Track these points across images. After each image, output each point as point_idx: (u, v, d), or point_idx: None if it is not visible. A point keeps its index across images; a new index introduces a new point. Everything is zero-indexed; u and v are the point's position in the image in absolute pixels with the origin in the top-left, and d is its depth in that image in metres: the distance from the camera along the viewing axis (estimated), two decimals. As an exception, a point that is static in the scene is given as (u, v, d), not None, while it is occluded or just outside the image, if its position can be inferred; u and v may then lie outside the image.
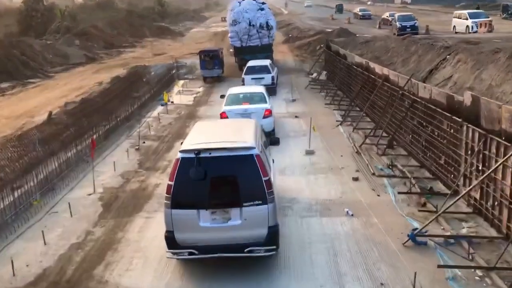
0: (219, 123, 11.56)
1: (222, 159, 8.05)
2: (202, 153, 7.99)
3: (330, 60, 27.47)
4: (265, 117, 15.86)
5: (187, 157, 8.02)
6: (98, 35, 49.69)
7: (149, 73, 34.20)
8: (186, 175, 7.91)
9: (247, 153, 8.07)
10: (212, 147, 8.17)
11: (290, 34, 52.04)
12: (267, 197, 8.00)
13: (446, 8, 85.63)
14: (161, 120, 20.48)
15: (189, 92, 26.66)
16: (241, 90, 18.40)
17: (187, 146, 8.40)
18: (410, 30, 37.86)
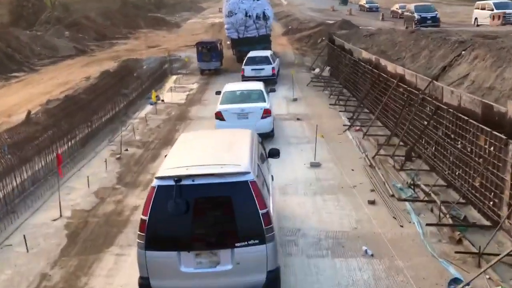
0: (207, 136, 9.44)
1: (208, 187, 6.39)
2: (184, 180, 6.32)
3: (334, 54, 25.29)
4: (263, 117, 14.61)
5: (165, 185, 6.34)
6: (89, 26, 47.32)
7: (141, 67, 32.03)
8: (163, 208, 6.27)
9: (240, 180, 6.41)
10: (195, 173, 6.43)
11: (289, 26, 49.71)
12: (266, 235, 6.40)
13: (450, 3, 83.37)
14: (149, 122, 18.33)
15: (182, 89, 24.48)
16: (237, 87, 16.88)
17: (165, 172, 6.63)
18: (431, 22, 33.99)
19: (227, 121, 14.46)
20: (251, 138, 8.09)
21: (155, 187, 6.38)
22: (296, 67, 28.05)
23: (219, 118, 14.70)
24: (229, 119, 14.50)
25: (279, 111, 18.85)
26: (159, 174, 6.60)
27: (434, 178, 11.59)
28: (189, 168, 6.55)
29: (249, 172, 6.47)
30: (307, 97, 21.24)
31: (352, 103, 19.29)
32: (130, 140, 16.08)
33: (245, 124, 13.99)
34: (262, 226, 6.34)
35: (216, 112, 14.86)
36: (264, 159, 8.66)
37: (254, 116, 14.50)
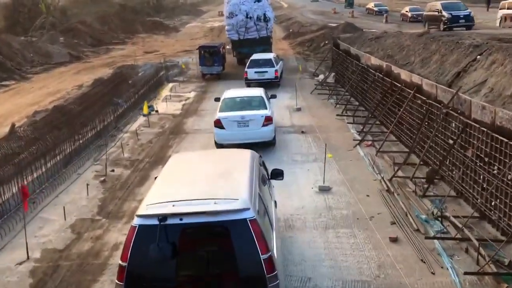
0: (200, 159, 7.95)
1: (199, 227, 5.33)
2: (170, 218, 5.21)
3: (339, 60, 23.65)
4: (264, 125, 13.83)
5: (147, 225, 5.25)
6: (85, 32, 45.73)
7: (137, 73, 30.55)
8: (146, 252, 5.15)
9: (237, 218, 5.27)
10: (184, 211, 5.27)
11: (290, 29, 48.13)
12: (268, 284, 5.23)
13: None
14: (140, 136, 16.70)
15: (178, 98, 22.85)
16: (237, 93, 15.88)
17: (147, 209, 5.46)
18: (465, 22, 29.58)
19: (227, 130, 13.74)
20: (251, 161, 6.90)
21: (136, 226, 5.29)
22: (299, 73, 26.43)
23: (218, 126, 13.85)
24: (228, 127, 13.74)
25: (282, 123, 17.22)
26: (141, 211, 5.47)
27: (462, 207, 9.96)
28: (177, 204, 5.38)
29: (249, 208, 5.33)
30: (311, 107, 19.60)
31: (361, 114, 17.65)
32: (118, 158, 14.45)
33: (246, 132, 13.61)
34: (264, 274, 5.18)
35: (215, 120, 13.96)
36: (266, 182, 7.50)
37: (255, 124, 13.76)
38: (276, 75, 23.17)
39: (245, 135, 13.62)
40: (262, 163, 7.62)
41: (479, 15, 34.39)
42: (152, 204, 5.48)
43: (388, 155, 13.23)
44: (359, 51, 21.16)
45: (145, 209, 5.43)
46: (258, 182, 6.45)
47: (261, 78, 22.72)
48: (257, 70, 22.90)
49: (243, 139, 13.34)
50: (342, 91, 21.74)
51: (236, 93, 15.81)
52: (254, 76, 22.69)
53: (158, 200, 5.57)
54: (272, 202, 7.47)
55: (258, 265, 5.17)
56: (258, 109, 14.27)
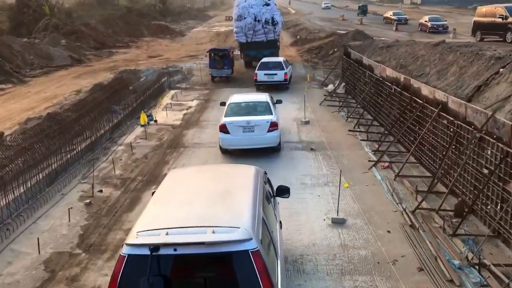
0: (200, 176, 7.02)
1: (195, 259, 4.78)
2: (162, 248, 4.65)
3: (350, 70, 22.15)
4: (270, 130, 13.59)
5: (138, 255, 4.69)
6: (89, 34, 44.47)
7: (139, 79, 29.19)
8: (135, 283, 4.60)
9: (238, 249, 4.69)
10: (178, 241, 4.69)
11: (298, 36, 46.70)
12: None
13: (458, 10, 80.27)
14: (135, 149, 15.26)
15: (179, 106, 21.40)
16: (243, 98, 15.60)
17: (138, 237, 4.84)
18: None
19: (232, 134, 13.57)
20: (255, 179, 6.27)
21: (125, 256, 4.75)
22: (307, 81, 24.94)
23: (224, 131, 13.65)
24: (234, 132, 13.56)
25: (289, 137, 15.75)
26: (130, 239, 4.88)
27: (501, 249, 8.45)
28: (171, 232, 4.81)
29: (251, 238, 4.75)
30: (320, 119, 18.10)
31: (375, 129, 16.14)
32: (108, 176, 13.00)
33: (251, 138, 13.46)
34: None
35: (221, 124, 13.77)
36: (271, 200, 6.85)
37: (260, 129, 13.55)
38: (286, 78, 23.16)
39: (250, 141, 13.55)
40: (267, 180, 7.03)
41: None
42: (144, 231, 4.88)
43: (408, 180, 11.72)
44: (373, 61, 19.65)
45: (135, 237, 4.82)
46: (263, 203, 5.83)
47: (271, 80, 22.84)
48: (267, 73, 22.97)
49: (248, 144, 13.56)
50: (353, 103, 20.26)
51: (242, 98, 15.45)
52: (264, 78, 22.76)
53: (150, 226, 4.99)
54: (277, 224, 6.81)
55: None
56: (264, 115, 14.01)
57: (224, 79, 26.87)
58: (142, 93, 22.73)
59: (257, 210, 5.39)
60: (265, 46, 28.79)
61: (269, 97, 15.30)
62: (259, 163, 11.31)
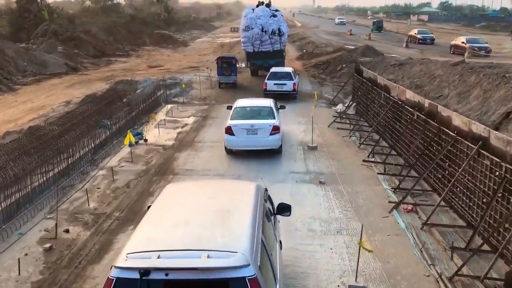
0: (198, 192, 6.59)
1: (188, 285, 4.36)
2: (154, 273, 4.28)
3: (362, 89, 20.06)
4: (272, 133, 14.32)
5: (127, 279, 4.33)
6: (88, 42, 42.65)
7: (135, 90, 27.21)
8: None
9: (234, 276, 4.31)
10: (170, 266, 4.30)
11: (304, 50, 44.78)
12: None
13: (466, 28, 78.50)
14: (117, 175, 13.16)
15: (174, 124, 19.33)
16: (248, 103, 16.17)
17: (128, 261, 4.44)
18: None
19: (237, 136, 14.34)
20: (255, 197, 5.96)
21: (113, 279, 4.40)
22: (314, 99, 22.86)
23: (229, 133, 14.40)
24: (238, 134, 14.31)
25: (294, 167, 13.66)
26: (120, 262, 4.50)
27: None
28: (163, 254, 4.45)
29: (248, 264, 4.38)
30: (330, 144, 15.99)
31: (393, 159, 14.01)
32: (80, 209, 10.90)
33: (254, 140, 14.22)
34: None
35: (226, 127, 14.54)
36: (270, 218, 6.49)
37: (263, 132, 14.26)
38: (294, 88, 23.47)
39: (253, 142, 14.29)
40: (267, 198, 6.73)
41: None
42: (134, 253, 4.59)
43: (438, 229, 9.56)
44: (389, 81, 17.58)
45: (125, 259, 4.53)
46: (263, 223, 5.53)
47: (280, 90, 23.03)
48: (276, 82, 23.23)
49: (251, 146, 14.37)
50: (365, 126, 18.15)
51: (247, 103, 16.04)
52: (273, 88, 22.93)
53: (142, 247, 4.69)
54: (277, 244, 6.47)
55: None
56: (267, 119, 14.68)
57: (231, 85, 27.68)
58: (135, 107, 20.74)
59: (256, 232, 5.06)
60: (271, 56, 29.25)
61: (273, 103, 15.86)
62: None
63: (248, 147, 14.44)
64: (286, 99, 22.23)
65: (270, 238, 5.88)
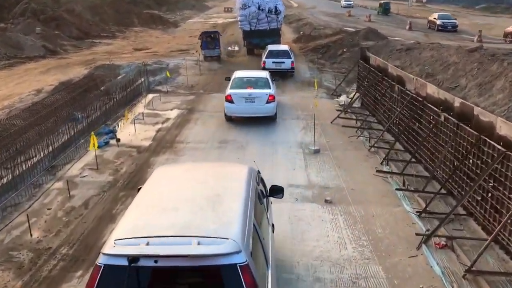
0: (189, 176, 6.02)
1: (178, 272, 4.30)
2: (142, 260, 4.11)
3: (370, 80, 17.40)
4: (268, 102, 15.23)
5: (115, 266, 4.17)
6: (71, 22, 39.47)
7: (116, 76, 24.48)
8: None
9: (226, 263, 4.17)
10: (159, 253, 4.12)
11: (301, 32, 41.84)
12: None
13: (466, 9, 75.48)
14: (75, 189, 10.59)
15: (154, 118, 16.68)
16: (246, 74, 17.17)
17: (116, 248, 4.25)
18: None
19: (236, 104, 15.17)
20: (247, 181, 5.64)
21: (101, 266, 4.24)
22: (314, 89, 20.22)
23: (229, 101, 15.23)
24: (237, 102, 15.16)
25: (293, 178, 11.14)
26: (107, 249, 4.29)
27: None
28: (152, 241, 4.25)
29: (240, 251, 4.22)
30: (334, 147, 13.44)
31: (413, 169, 11.46)
32: (19, 242, 8.34)
33: (252, 107, 15.08)
34: None
35: (226, 95, 15.36)
36: (263, 201, 6.19)
37: (260, 101, 15.11)
38: (293, 66, 23.39)
39: (251, 110, 15.18)
40: (260, 180, 6.46)
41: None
42: (122, 240, 4.33)
43: (486, 279, 7.09)
44: (405, 73, 14.97)
45: (113, 246, 4.28)
46: (255, 207, 5.29)
47: (279, 68, 22.74)
48: (275, 61, 22.95)
49: (249, 113, 15.30)
50: (374, 123, 15.60)
51: (245, 74, 17.06)
52: (272, 66, 22.44)
53: (130, 234, 4.42)
54: (269, 228, 6.20)
55: None
56: (264, 88, 15.51)
57: (215, 58, 28.34)
58: (112, 96, 18.11)
59: (248, 218, 4.86)
60: (268, 35, 28.95)
61: (268, 74, 16.84)
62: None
63: (246, 114, 15.38)
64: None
65: (263, 222, 5.74)
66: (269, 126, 15.44)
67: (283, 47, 25.26)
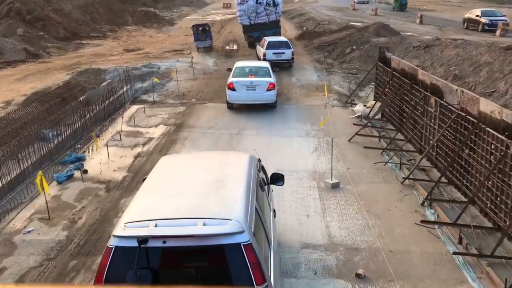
0: (193, 163, 6.34)
1: (185, 252, 4.47)
2: (151, 241, 4.32)
3: (393, 87, 14.22)
4: (268, 90, 15.31)
5: (125, 247, 4.36)
6: (58, 22, 36.36)
7: (101, 82, 21.43)
8: (123, 276, 4.26)
9: (229, 242, 4.37)
10: (167, 234, 4.36)
11: (304, 28, 38.68)
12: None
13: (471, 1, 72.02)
14: (10, 256, 7.58)
15: (134, 138, 13.62)
16: (247, 64, 17.72)
17: (126, 230, 4.45)
18: None
19: (238, 91, 15.37)
20: (248, 167, 5.82)
21: (112, 248, 4.42)
22: (323, 95, 17.10)
23: (231, 89, 15.41)
24: (239, 90, 15.36)
25: (306, 232, 8.14)
26: (118, 231, 4.50)
27: None
28: (160, 223, 4.47)
29: (243, 231, 4.41)
30: (358, 179, 10.36)
31: (468, 212, 8.39)
32: None
33: (253, 95, 15.39)
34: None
35: (229, 83, 15.55)
36: (264, 188, 6.31)
37: (260, 88, 15.29)
38: (293, 57, 23.17)
39: (252, 97, 15.46)
40: (261, 168, 6.63)
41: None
42: (132, 223, 4.54)
43: None
44: (445, 81, 11.86)
45: (123, 229, 4.49)
46: (256, 192, 5.44)
47: (279, 59, 22.59)
48: (276, 52, 22.82)
49: (250, 100, 15.60)
50: (401, 140, 12.49)
51: (246, 64, 17.57)
52: (272, 57, 22.12)
53: (139, 217, 4.66)
54: (270, 213, 6.40)
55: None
56: (264, 77, 15.77)
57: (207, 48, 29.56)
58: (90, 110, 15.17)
59: (250, 200, 5.03)
60: (268, 27, 28.75)
61: (268, 64, 17.06)
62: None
63: (248, 101, 15.54)
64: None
65: (264, 207, 5.87)
66: (271, 145, 12.41)
67: (282, 38, 24.95)
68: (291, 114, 15.58)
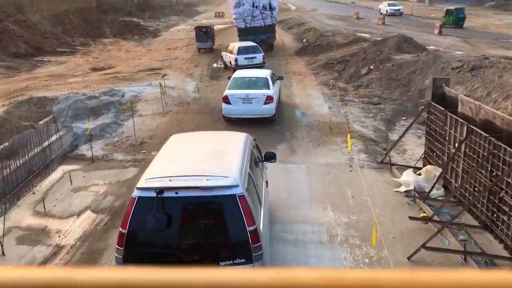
0: (198, 140, 7.83)
1: (192, 201, 5.58)
2: (166, 192, 5.34)
3: (471, 146, 8.38)
4: (266, 103, 14.29)
5: (146, 197, 5.36)
6: (19, 35, 30.56)
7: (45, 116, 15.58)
8: (144, 221, 5.27)
9: (227, 193, 5.44)
10: (179, 186, 5.43)
11: (304, 39, 33.00)
12: (253, 254, 5.35)
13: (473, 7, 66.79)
14: None
15: (33, 243, 7.71)
16: (246, 73, 16.25)
17: (146, 183, 5.53)
18: None
19: (233, 105, 14.48)
20: (244, 143, 6.95)
21: (135, 198, 5.41)
22: (341, 141, 11.34)
23: (226, 102, 14.61)
24: (234, 103, 14.49)
25: None
26: (140, 184, 5.59)
27: None
28: (173, 179, 5.57)
29: (238, 185, 5.48)
30: None
31: None
32: None
33: (249, 109, 14.40)
34: (249, 245, 5.35)
35: (224, 96, 14.74)
36: (258, 164, 7.43)
37: (257, 102, 14.42)
38: (264, 60, 22.63)
39: (248, 111, 14.46)
40: (255, 146, 7.60)
41: None
42: (151, 179, 5.61)
43: None
44: None
45: (144, 183, 5.53)
46: (250, 162, 6.48)
47: (251, 63, 21.81)
48: (247, 57, 22.50)
49: (246, 114, 14.47)
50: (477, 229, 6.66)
51: (245, 73, 16.27)
52: (244, 62, 21.80)
53: (157, 175, 5.73)
54: (263, 182, 7.40)
55: (244, 236, 5.32)
56: (262, 89, 14.70)
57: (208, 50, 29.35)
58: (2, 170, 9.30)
59: (245, 166, 6.03)
60: (263, 31, 28.73)
61: (270, 73, 15.76)
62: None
63: (243, 115, 14.52)
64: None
65: (257, 176, 6.84)
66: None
67: (251, 43, 24.47)
68: (298, 185, 9.76)
